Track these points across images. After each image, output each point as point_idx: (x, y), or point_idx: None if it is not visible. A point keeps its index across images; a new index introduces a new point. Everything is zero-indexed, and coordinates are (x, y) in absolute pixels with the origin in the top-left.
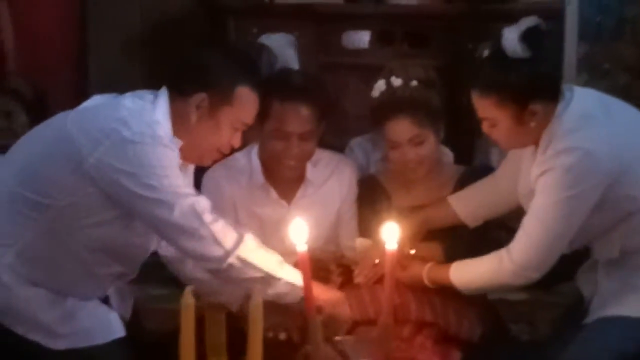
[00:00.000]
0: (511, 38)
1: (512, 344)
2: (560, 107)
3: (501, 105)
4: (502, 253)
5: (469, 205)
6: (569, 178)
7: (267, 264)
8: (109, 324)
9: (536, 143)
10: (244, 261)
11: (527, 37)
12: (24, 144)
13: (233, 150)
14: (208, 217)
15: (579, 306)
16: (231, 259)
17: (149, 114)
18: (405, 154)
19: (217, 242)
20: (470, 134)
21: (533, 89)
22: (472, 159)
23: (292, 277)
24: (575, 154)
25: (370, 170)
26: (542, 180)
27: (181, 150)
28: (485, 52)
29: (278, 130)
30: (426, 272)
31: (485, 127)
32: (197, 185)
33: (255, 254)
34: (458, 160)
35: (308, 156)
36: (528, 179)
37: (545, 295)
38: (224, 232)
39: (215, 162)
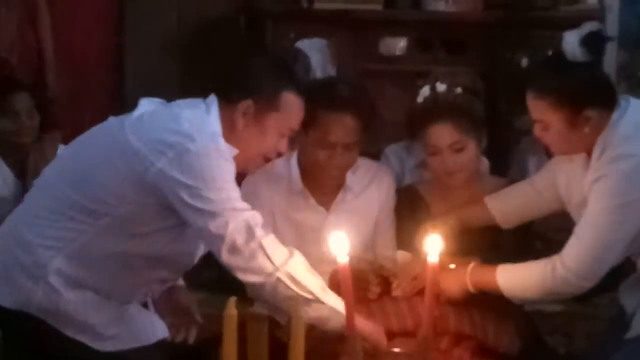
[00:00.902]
0: (572, 42)
1: (550, 358)
2: (615, 115)
3: (556, 108)
4: (554, 259)
5: (505, 207)
6: (624, 185)
7: (313, 285)
8: (152, 326)
9: (587, 150)
10: (292, 278)
11: (588, 41)
12: (76, 151)
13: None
14: (260, 232)
15: (620, 320)
16: (280, 274)
17: (210, 126)
18: (445, 160)
19: (267, 256)
20: (507, 142)
21: (590, 94)
22: (508, 168)
23: (336, 303)
24: (631, 160)
25: (405, 177)
26: (596, 186)
27: None
28: (524, 61)
29: (323, 140)
30: (469, 273)
31: (537, 130)
32: None
33: (304, 273)
34: (494, 169)
35: (351, 165)
36: (580, 188)
37: (582, 307)
38: (274, 246)
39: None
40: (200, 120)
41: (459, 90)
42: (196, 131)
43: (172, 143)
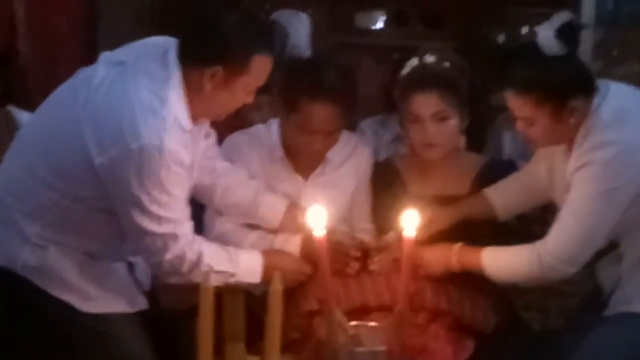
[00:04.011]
0: (547, 36)
1: (526, 334)
2: (596, 101)
3: (540, 104)
4: (538, 247)
5: (504, 199)
6: (607, 172)
7: (227, 265)
8: (135, 295)
9: (572, 139)
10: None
11: (563, 33)
12: (42, 121)
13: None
14: (190, 254)
15: (596, 297)
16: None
17: (160, 111)
18: (427, 129)
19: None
20: (482, 118)
21: (572, 85)
22: (484, 144)
23: (245, 264)
24: (613, 147)
25: (380, 151)
26: (579, 174)
27: (195, 111)
28: (501, 37)
29: (304, 126)
30: (455, 252)
31: (520, 126)
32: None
33: (218, 260)
34: (470, 145)
35: (330, 147)
36: (562, 175)
37: (557, 283)
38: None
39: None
40: (152, 107)
41: (447, 64)
42: (142, 123)
43: (116, 139)
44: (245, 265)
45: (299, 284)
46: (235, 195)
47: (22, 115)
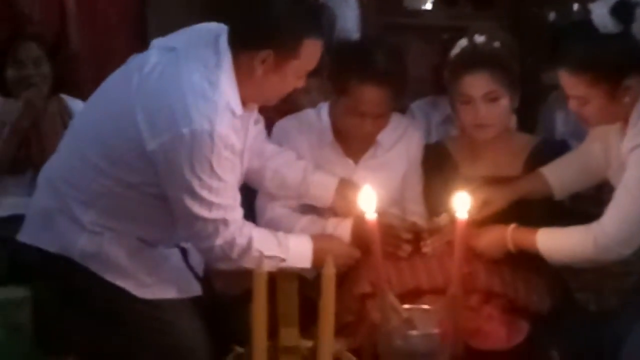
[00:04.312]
0: (601, 13)
1: (581, 315)
2: None
3: (595, 83)
4: (593, 227)
5: (561, 177)
6: None
7: (277, 250)
8: (189, 281)
9: (626, 118)
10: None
11: (617, 11)
12: (95, 108)
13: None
14: (240, 239)
15: None
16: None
17: (211, 95)
18: (478, 109)
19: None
20: (534, 98)
21: (627, 64)
22: (536, 124)
23: (295, 249)
24: None
25: (431, 133)
26: (634, 154)
27: (246, 96)
28: (551, 15)
29: (354, 109)
30: (510, 233)
31: (573, 105)
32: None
33: (268, 246)
34: (521, 125)
35: (380, 130)
36: (618, 154)
37: (612, 263)
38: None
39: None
40: (203, 91)
41: (497, 44)
42: (194, 108)
43: (169, 124)
44: (295, 250)
45: (349, 268)
46: (285, 176)
47: (75, 104)
